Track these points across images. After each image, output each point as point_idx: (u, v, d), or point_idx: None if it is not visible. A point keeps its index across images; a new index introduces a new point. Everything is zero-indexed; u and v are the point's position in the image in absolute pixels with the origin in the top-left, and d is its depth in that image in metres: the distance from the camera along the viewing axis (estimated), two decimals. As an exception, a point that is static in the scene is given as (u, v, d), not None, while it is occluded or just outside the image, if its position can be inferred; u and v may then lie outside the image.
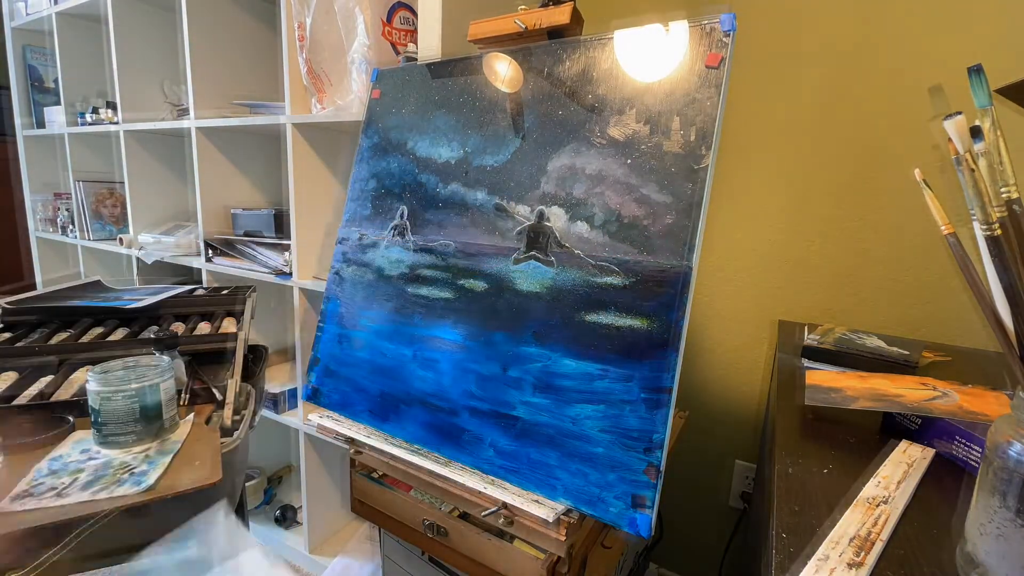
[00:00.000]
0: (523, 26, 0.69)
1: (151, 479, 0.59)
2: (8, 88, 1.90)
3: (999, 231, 0.32)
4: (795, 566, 0.34)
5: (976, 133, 0.32)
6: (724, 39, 0.54)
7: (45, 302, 0.95)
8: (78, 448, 0.63)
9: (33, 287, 1.66)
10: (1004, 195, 0.32)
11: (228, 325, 0.96)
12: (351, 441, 0.70)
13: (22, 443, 0.63)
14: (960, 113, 0.33)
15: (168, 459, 0.64)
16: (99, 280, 1.19)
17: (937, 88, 0.35)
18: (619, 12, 1.10)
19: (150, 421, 0.66)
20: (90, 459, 0.61)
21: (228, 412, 0.72)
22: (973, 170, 0.32)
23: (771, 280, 1.03)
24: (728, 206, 1.05)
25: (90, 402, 0.64)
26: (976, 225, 0.33)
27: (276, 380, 1.31)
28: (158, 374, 0.67)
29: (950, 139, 0.33)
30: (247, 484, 1.41)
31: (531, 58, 0.68)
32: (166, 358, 0.71)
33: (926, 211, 0.92)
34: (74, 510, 0.52)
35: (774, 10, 0.96)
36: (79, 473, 0.58)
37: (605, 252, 0.57)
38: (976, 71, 0.33)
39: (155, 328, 0.95)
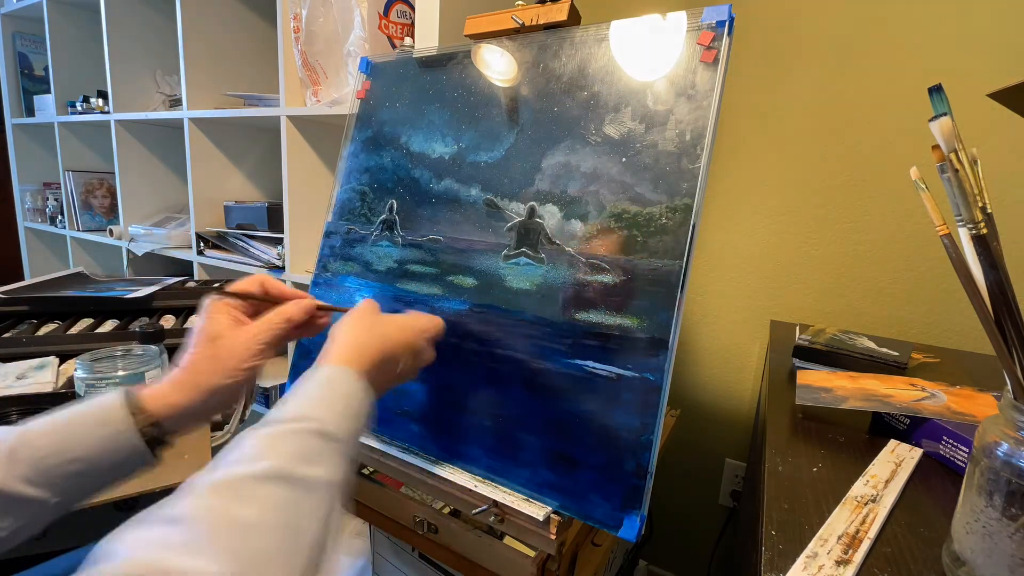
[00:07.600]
0: (520, 22, 0.68)
1: None
2: (-3, 76, 1.87)
3: (984, 229, 0.32)
4: (784, 563, 0.35)
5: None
6: (721, 33, 0.54)
7: (31, 293, 0.94)
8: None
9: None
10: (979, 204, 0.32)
11: (219, 318, 0.95)
12: (342, 436, 0.69)
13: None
14: (946, 114, 0.33)
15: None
16: (82, 271, 1.18)
17: (936, 88, 0.35)
18: (618, 9, 1.10)
19: (136, 411, 0.66)
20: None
21: (218, 406, 0.71)
22: (957, 170, 0.32)
23: (764, 280, 1.04)
24: (722, 206, 1.06)
25: (76, 389, 0.64)
26: (961, 226, 0.33)
27: (268, 374, 1.30)
28: (144, 363, 0.67)
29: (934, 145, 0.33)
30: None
31: (526, 52, 0.68)
32: (154, 347, 0.71)
33: (918, 213, 0.93)
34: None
35: (769, 10, 0.96)
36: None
37: (597, 250, 0.57)
38: (936, 90, 0.34)
39: (145, 321, 0.94)
